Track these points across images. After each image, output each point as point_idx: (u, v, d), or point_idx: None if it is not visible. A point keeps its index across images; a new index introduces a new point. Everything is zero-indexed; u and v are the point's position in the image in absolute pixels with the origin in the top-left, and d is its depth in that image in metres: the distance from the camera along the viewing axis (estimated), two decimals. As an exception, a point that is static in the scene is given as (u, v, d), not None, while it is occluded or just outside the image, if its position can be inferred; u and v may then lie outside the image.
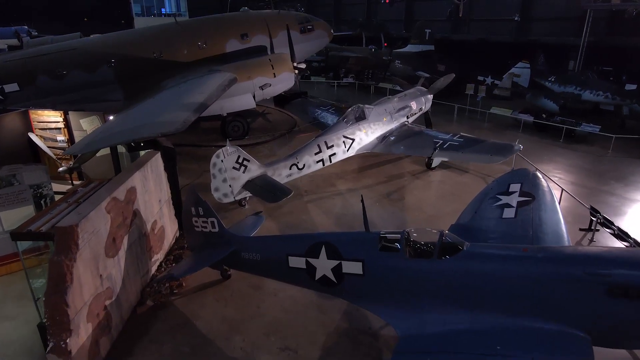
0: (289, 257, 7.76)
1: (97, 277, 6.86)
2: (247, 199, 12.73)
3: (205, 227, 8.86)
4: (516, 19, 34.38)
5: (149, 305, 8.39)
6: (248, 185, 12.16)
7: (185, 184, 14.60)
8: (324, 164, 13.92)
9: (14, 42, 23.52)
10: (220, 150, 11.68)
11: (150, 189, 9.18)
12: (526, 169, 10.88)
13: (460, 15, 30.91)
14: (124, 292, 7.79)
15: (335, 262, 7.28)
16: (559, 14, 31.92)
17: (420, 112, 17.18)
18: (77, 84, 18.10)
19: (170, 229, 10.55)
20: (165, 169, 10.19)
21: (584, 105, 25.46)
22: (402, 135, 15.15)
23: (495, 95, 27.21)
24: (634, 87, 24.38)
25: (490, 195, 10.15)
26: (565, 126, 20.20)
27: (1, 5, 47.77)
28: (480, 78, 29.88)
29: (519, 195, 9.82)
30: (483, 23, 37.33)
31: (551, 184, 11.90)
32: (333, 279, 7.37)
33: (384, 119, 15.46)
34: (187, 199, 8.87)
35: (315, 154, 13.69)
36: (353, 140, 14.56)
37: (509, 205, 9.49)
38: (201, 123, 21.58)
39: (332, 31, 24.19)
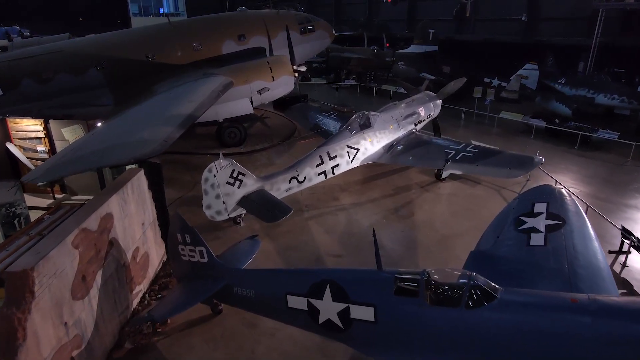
0: (288, 296, 6.69)
1: (60, 326, 5.80)
2: (243, 216, 11.66)
3: (193, 257, 7.79)
4: (523, 18, 33.29)
5: (128, 348, 7.32)
6: (244, 202, 11.09)
7: (176, 197, 13.58)
8: (326, 176, 12.84)
9: (4, 42, 22.52)
10: (213, 164, 10.61)
11: (131, 213, 8.11)
12: (550, 185, 9.82)
13: (468, 15, 29.80)
14: (96, 337, 6.72)
15: (342, 306, 6.21)
16: (568, 13, 30.83)
17: (429, 119, 16.10)
18: (64, 88, 17.03)
19: (156, 254, 9.48)
20: (150, 187, 9.09)
21: (597, 109, 24.42)
22: (410, 144, 14.06)
23: (503, 98, 26.09)
24: None
25: (513, 216, 9.08)
26: (580, 132, 19.09)
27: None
28: (486, 80, 28.85)
29: (547, 218, 8.73)
30: (489, 23, 36.24)
31: (574, 199, 10.90)
32: (339, 324, 6.30)
33: (391, 127, 14.37)
34: (172, 225, 7.81)
35: (317, 165, 12.61)
36: (357, 150, 13.48)
37: (536, 230, 8.41)
38: (197, 128, 20.51)
39: (333, 31, 23.12)
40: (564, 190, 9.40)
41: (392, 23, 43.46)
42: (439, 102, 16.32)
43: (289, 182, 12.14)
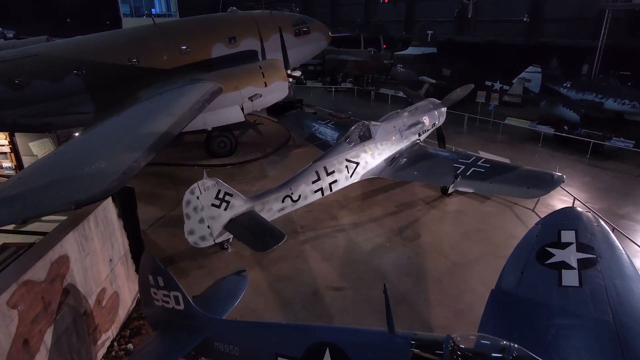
0: (279, 359, 5.52)
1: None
2: (230, 240, 10.44)
3: (167, 303, 6.58)
4: (525, 19, 32.32)
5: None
6: (231, 226, 9.89)
7: (158, 217, 12.35)
8: (323, 194, 11.66)
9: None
10: (196, 184, 9.41)
11: (94, 250, 6.88)
12: (575, 208, 8.71)
13: (470, 16, 28.73)
14: (46, 410, 5.50)
15: (344, 376, 5.04)
16: (572, 14, 29.86)
17: (433, 128, 14.95)
18: (40, 95, 15.77)
19: (129, 292, 8.25)
20: (120, 215, 7.87)
21: (605, 114, 23.41)
22: (414, 157, 12.90)
23: (506, 102, 25.04)
24: None
25: (538, 246, 7.91)
26: (592, 140, 18.01)
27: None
28: (488, 83, 27.81)
29: (577, 250, 7.57)
30: (489, 24, 35.27)
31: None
32: (341, 399, 5.13)
33: (393, 138, 13.22)
34: (143, 266, 6.59)
35: (313, 182, 11.43)
36: (357, 164, 12.31)
37: (567, 266, 7.25)
38: (185, 136, 19.28)
39: (330, 33, 21.95)
40: (591, 215, 8.27)
41: (390, 24, 42.36)
42: (444, 110, 15.17)
43: (282, 202, 10.95)
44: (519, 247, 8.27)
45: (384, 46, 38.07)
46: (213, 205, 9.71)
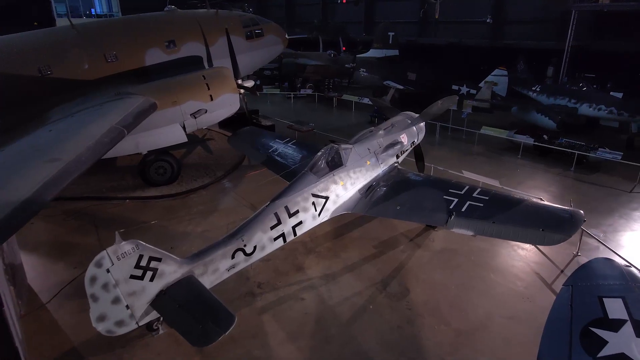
0: None
1: None
2: (162, 318, 7.70)
3: None
4: (488, 20, 31.24)
5: None
6: (160, 303, 7.17)
7: (69, 280, 9.37)
8: (285, 240, 9.14)
9: None
10: (104, 253, 6.63)
11: None
12: (611, 260, 6.72)
13: (437, 17, 27.11)
14: None
15: None
16: (537, 15, 28.99)
17: (412, 147, 12.81)
18: None
19: None
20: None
21: (579, 120, 22.37)
22: (394, 185, 10.64)
23: (474, 108, 23.54)
24: (619, 95, 21.61)
25: (580, 325, 5.78)
26: (577, 152, 16.56)
27: None
28: (454, 87, 26.31)
29: (637, 333, 5.49)
30: (452, 25, 34.00)
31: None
32: None
33: (368, 163, 10.89)
34: None
35: (272, 227, 8.88)
36: (326, 198, 9.88)
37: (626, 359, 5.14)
38: (117, 159, 16.15)
39: (286, 36, 19.49)
40: (635, 272, 6.28)
41: (349, 25, 40.43)
42: (423, 125, 13.05)
43: (232, 257, 8.32)
44: (551, 321, 6.09)
45: (344, 48, 36.11)
46: (133, 277, 6.97)
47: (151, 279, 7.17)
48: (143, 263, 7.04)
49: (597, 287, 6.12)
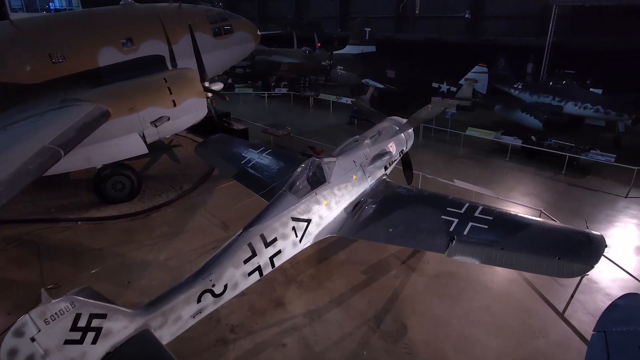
0: None
1: None
2: (111, 386, 6.23)
3: None
4: (467, 16, 30.51)
5: None
6: (106, 370, 5.75)
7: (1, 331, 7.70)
8: (261, 274, 7.78)
9: None
10: (26, 317, 5.10)
11: None
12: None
13: (417, 12, 26.06)
14: None
15: None
16: (517, 11, 28.38)
17: (400, 157, 11.62)
18: None
19: None
20: None
21: (564, 119, 21.80)
22: (384, 202, 9.41)
23: (457, 107, 22.66)
24: (599, 92, 21.18)
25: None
26: (568, 154, 15.80)
27: None
28: (434, 85, 25.41)
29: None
30: (429, 21, 33.14)
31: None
32: None
33: (354, 177, 9.62)
34: None
35: (246, 261, 7.49)
36: (308, 222, 8.57)
37: None
38: (70, 173, 14.33)
39: (258, 32, 17.98)
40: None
41: (324, 21, 39.03)
42: (411, 131, 11.87)
43: (199, 301, 6.90)
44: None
45: (319, 44, 34.78)
46: (70, 341, 5.49)
47: (94, 341, 5.69)
48: (82, 323, 5.55)
49: (634, 334, 5.10)
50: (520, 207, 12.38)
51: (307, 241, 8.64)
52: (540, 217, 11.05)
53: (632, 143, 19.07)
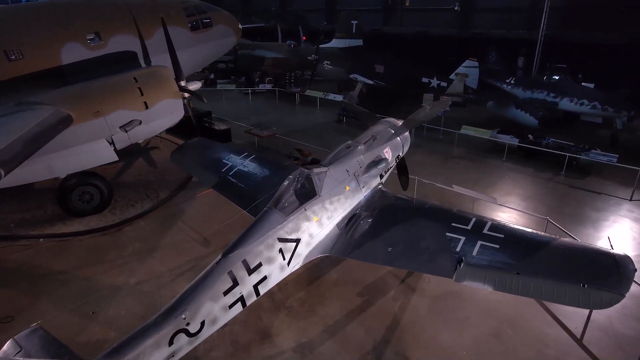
0: None
1: None
2: None
3: None
4: (456, 8, 29.66)
5: None
6: None
7: None
8: (244, 305, 6.80)
9: None
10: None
11: None
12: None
13: (407, 4, 25.07)
14: None
15: None
16: (507, 3, 27.63)
17: (395, 163, 10.68)
18: None
19: None
20: None
21: (560, 115, 21.13)
22: (381, 215, 8.45)
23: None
24: (591, 86, 20.63)
25: None
26: (568, 154, 15.08)
27: None
28: (424, 80, 24.53)
29: None
30: (417, 13, 32.20)
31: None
32: None
33: (347, 189, 8.66)
34: None
35: (226, 292, 6.49)
36: (297, 241, 7.58)
37: None
38: (35, 183, 13.05)
39: (240, 26, 16.79)
40: None
41: (309, 13, 37.76)
42: (408, 134, 10.93)
43: (170, 344, 5.87)
44: None
45: (304, 38, 33.61)
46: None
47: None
48: (21, 388, 4.52)
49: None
50: (525, 216, 11.57)
51: (296, 263, 7.65)
52: (546, 226, 10.30)
53: (628, 141, 18.50)
